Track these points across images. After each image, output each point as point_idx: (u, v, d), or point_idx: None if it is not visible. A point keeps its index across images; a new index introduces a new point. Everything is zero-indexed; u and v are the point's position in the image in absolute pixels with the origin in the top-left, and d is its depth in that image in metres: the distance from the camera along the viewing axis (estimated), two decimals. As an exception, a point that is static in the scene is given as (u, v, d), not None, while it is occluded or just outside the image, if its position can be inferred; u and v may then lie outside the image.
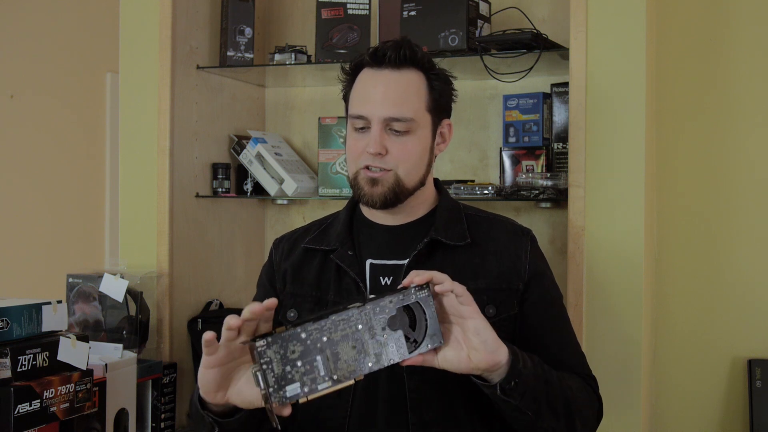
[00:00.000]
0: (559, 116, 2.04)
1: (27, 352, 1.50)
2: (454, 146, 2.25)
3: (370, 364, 1.10)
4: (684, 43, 2.10)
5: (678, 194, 2.10)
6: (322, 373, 1.08)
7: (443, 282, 1.12)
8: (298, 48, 2.18)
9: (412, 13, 1.98)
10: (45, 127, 2.96)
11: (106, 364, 1.75)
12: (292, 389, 1.07)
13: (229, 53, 2.21)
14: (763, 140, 2.03)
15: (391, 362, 1.11)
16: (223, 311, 2.28)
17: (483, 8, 2.01)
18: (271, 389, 1.06)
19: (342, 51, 2.11)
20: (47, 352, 1.53)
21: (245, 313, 1.08)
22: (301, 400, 1.07)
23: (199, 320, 2.18)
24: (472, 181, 2.19)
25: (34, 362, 1.51)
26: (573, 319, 1.78)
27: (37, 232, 2.93)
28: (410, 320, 1.12)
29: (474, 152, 2.25)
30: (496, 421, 1.34)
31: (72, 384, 1.55)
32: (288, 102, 2.50)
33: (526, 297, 1.39)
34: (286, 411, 1.06)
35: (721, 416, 2.05)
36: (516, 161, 2.08)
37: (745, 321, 2.04)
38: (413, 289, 1.12)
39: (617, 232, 1.78)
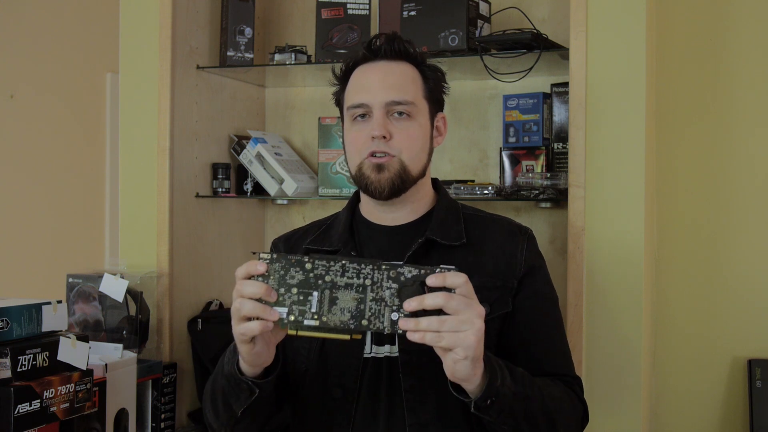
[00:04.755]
0: (559, 116, 2.04)
1: (27, 352, 1.50)
2: (454, 146, 2.25)
3: (364, 322, 1.07)
4: (684, 42, 2.10)
5: (678, 194, 2.10)
6: (313, 309, 1.07)
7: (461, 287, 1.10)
8: (298, 48, 2.18)
9: (412, 13, 1.98)
10: (45, 127, 2.96)
11: (106, 364, 1.75)
12: (278, 311, 1.08)
13: (229, 53, 2.21)
14: (763, 140, 2.03)
15: (381, 330, 1.08)
16: (223, 311, 2.28)
17: (483, 8, 2.01)
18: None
19: (342, 51, 2.11)
20: (47, 352, 1.53)
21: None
22: (282, 329, 1.09)
23: (199, 320, 2.18)
24: (472, 181, 2.19)
25: (34, 362, 1.51)
26: (573, 319, 1.79)
27: (38, 231, 2.93)
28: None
29: (474, 152, 2.25)
30: None
31: (72, 384, 1.55)
32: (288, 102, 2.50)
33: (518, 292, 1.39)
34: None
35: (721, 416, 2.05)
36: (516, 161, 2.08)
37: (745, 321, 2.04)
38: (438, 270, 1.09)
39: (617, 232, 1.78)
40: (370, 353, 1.35)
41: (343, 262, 1.08)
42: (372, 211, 1.45)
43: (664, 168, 2.09)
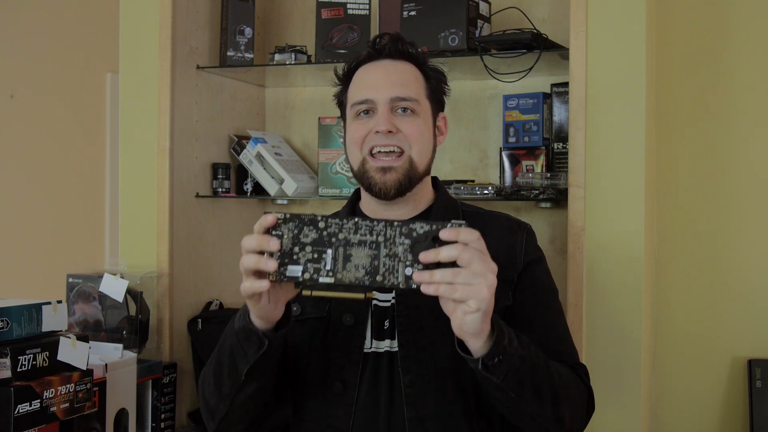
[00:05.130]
0: (559, 116, 2.04)
1: (27, 352, 1.50)
2: (454, 146, 2.25)
3: (378, 278, 1.08)
4: (684, 42, 2.10)
5: (678, 194, 2.10)
6: (328, 267, 1.08)
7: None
8: (298, 48, 2.18)
9: (412, 13, 1.98)
10: (45, 127, 2.96)
11: (106, 364, 1.75)
12: (293, 270, 1.09)
13: (229, 53, 2.21)
14: (763, 140, 2.03)
15: (396, 286, 1.08)
16: (223, 311, 2.28)
17: (483, 8, 2.01)
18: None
19: (342, 51, 2.11)
20: (47, 352, 1.53)
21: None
22: (297, 288, 1.11)
23: (199, 320, 2.18)
24: (472, 181, 2.19)
25: (34, 362, 1.51)
26: (573, 319, 1.79)
27: (37, 232, 2.93)
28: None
29: (474, 152, 2.25)
30: (493, 415, 1.34)
31: (72, 384, 1.55)
32: (288, 102, 2.50)
33: (519, 285, 1.39)
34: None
35: (721, 416, 2.05)
36: (516, 161, 2.08)
37: (745, 321, 2.04)
38: (450, 225, 1.09)
39: (617, 232, 1.78)
40: (371, 348, 1.36)
41: (356, 219, 1.09)
42: (373, 208, 1.45)
43: (664, 168, 2.09)
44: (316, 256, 1.08)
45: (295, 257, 1.08)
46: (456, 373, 1.33)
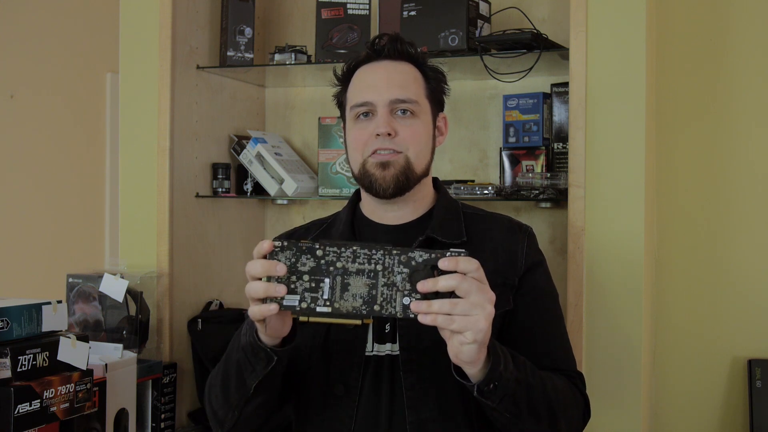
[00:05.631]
0: (559, 116, 2.04)
1: (27, 352, 1.50)
2: (454, 146, 2.25)
3: (376, 307, 1.08)
4: (684, 42, 2.10)
5: (678, 194, 2.10)
6: (326, 296, 1.08)
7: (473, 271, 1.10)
8: (298, 48, 2.18)
9: (412, 13, 1.98)
10: (45, 127, 2.96)
11: (106, 364, 1.75)
12: (290, 299, 1.08)
13: (229, 53, 2.21)
14: (763, 140, 2.03)
15: (393, 315, 1.08)
16: (223, 311, 2.28)
17: (483, 8, 2.01)
18: None
19: (342, 51, 2.11)
20: (47, 352, 1.53)
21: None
22: (293, 315, 1.10)
23: (199, 320, 2.18)
24: (472, 181, 2.19)
25: (34, 362, 1.51)
26: (573, 319, 1.79)
27: (37, 232, 2.93)
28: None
29: (474, 152, 2.25)
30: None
31: (72, 384, 1.55)
32: (288, 102, 2.50)
33: (519, 289, 1.39)
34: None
35: (721, 416, 2.05)
36: (516, 161, 2.08)
37: (745, 321, 2.04)
38: (449, 253, 1.09)
39: (617, 232, 1.78)
40: (372, 351, 1.36)
41: (354, 248, 1.08)
42: (374, 209, 1.45)
43: (664, 168, 2.09)
44: (313, 285, 1.08)
45: (292, 286, 1.08)
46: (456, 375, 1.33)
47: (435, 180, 1.50)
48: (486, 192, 1.97)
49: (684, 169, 2.10)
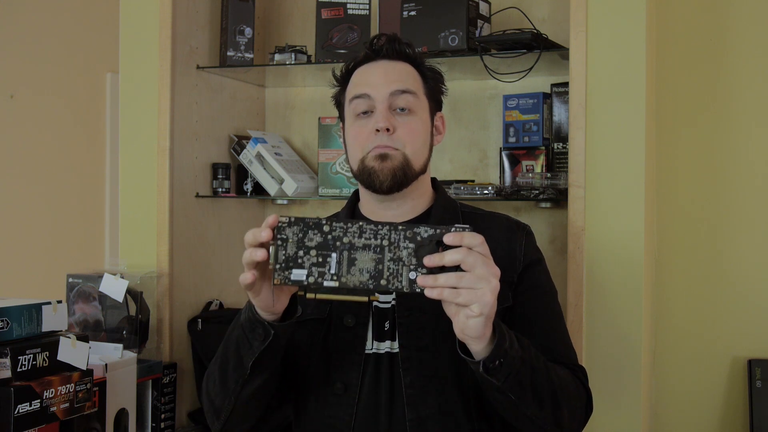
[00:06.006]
0: (559, 116, 2.04)
1: (27, 352, 1.50)
2: (454, 146, 2.25)
3: (383, 282, 1.08)
4: (684, 42, 2.10)
5: (678, 194, 2.10)
6: (332, 270, 1.08)
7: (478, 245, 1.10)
8: (298, 48, 2.18)
9: (412, 13, 1.98)
10: (45, 127, 2.96)
11: (106, 364, 1.75)
12: (297, 273, 1.09)
13: (229, 53, 2.21)
14: (763, 140, 2.03)
15: (400, 289, 1.09)
16: (223, 311, 2.28)
17: (483, 8, 2.01)
18: (278, 266, 1.08)
19: (342, 51, 2.11)
20: (47, 352, 1.53)
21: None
22: (300, 293, 1.11)
23: (199, 320, 2.18)
24: (472, 181, 2.19)
25: (34, 362, 1.51)
26: (573, 319, 1.79)
27: (37, 232, 2.93)
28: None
29: (474, 152, 2.25)
30: (494, 415, 1.34)
31: (72, 384, 1.55)
32: (288, 102, 2.50)
33: (518, 286, 1.39)
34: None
35: (721, 416, 2.05)
36: (516, 161, 2.08)
37: (745, 321, 2.04)
38: (454, 228, 1.10)
39: (617, 232, 1.78)
40: (372, 349, 1.36)
41: (361, 223, 1.09)
42: (372, 208, 1.45)
43: (664, 168, 2.09)
44: (320, 260, 1.09)
45: (299, 261, 1.08)
46: (456, 373, 1.33)
47: (433, 180, 1.51)
48: (486, 192, 1.97)
49: (684, 168, 2.10)
